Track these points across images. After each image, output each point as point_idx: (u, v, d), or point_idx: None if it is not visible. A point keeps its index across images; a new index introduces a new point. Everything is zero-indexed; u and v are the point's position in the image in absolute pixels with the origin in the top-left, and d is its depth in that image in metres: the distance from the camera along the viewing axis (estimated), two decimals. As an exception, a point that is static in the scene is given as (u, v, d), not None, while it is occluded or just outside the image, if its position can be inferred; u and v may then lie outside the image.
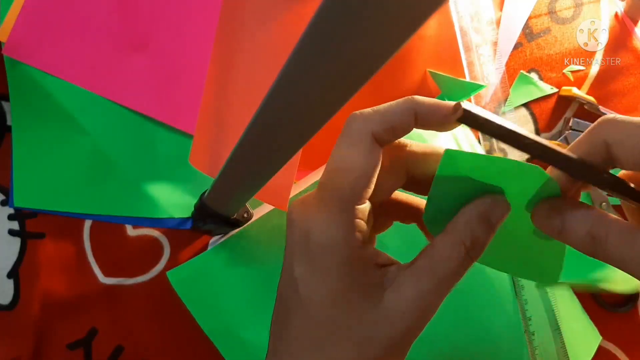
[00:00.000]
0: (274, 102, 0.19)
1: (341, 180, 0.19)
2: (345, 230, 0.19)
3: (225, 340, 0.36)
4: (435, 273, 0.19)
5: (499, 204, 0.20)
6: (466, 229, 0.20)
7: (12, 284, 0.39)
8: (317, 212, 0.19)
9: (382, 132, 0.19)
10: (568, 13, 0.44)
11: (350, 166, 0.19)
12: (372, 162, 0.19)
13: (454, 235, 0.20)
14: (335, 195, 0.19)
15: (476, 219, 0.20)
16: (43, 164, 0.38)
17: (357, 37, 0.15)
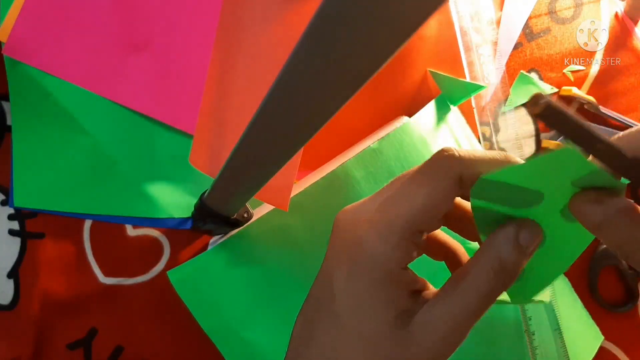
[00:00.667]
0: (273, 102, 0.19)
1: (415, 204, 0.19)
2: (400, 252, 0.19)
3: (225, 340, 0.36)
4: (464, 300, 0.19)
5: (527, 226, 0.20)
6: (493, 253, 0.19)
7: (12, 284, 0.39)
8: (377, 218, 0.19)
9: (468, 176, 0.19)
10: (568, 13, 0.44)
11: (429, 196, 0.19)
12: (450, 200, 0.19)
13: (482, 260, 0.20)
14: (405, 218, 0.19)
15: (504, 242, 0.20)
16: (43, 163, 0.38)
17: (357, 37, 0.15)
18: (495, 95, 0.42)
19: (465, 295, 0.19)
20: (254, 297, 0.36)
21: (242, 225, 0.37)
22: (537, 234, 0.20)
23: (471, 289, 0.19)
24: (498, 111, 0.42)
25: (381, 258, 0.19)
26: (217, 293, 0.36)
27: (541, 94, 0.17)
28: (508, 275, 0.19)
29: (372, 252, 0.19)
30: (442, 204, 0.19)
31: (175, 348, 0.39)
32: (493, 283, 0.19)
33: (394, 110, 0.42)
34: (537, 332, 0.40)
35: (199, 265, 0.36)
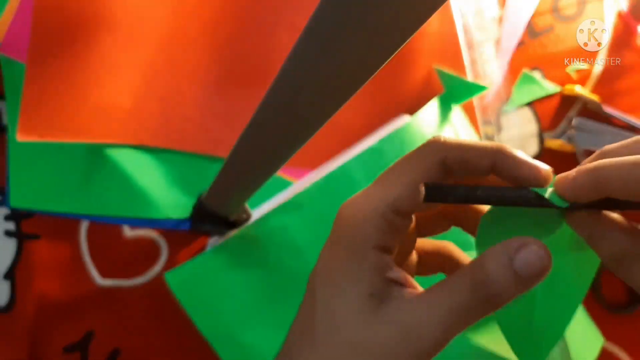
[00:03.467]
0: (273, 102, 0.19)
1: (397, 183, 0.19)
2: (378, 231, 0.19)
3: (223, 343, 0.36)
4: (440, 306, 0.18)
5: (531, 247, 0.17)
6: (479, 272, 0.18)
7: (8, 285, 0.38)
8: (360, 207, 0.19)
9: (452, 160, 0.19)
10: (571, 10, 0.44)
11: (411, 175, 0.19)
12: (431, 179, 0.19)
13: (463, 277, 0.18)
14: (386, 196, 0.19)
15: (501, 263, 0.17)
16: (39, 164, 0.38)
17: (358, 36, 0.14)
18: (497, 93, 0.42)
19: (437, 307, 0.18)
20: (253, 299, 0.36)
21: (241, 226, 0.36)
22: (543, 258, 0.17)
23: (444, 303, 0.18)
24: (500, 110, 0.42)
25: (359, 234, 0.19)
26: (215, 295, 0.36)
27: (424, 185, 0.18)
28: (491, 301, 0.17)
29: (353, 228, 0.19)
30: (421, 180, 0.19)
31: (172, 351, 0.39)
32: (469, 303, 0.17)
33: (395, 109, 0.42)
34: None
35: (197, 266, 0.36)
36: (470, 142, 0.19)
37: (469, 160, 0.18)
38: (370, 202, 0.19)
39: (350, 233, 0.19)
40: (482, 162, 0.18)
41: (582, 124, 0.42)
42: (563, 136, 0.42)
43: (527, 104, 0.43)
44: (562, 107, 0.43)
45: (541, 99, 0.43)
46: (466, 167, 0.19)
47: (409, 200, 0.19)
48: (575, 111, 0.43)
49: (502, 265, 0.17)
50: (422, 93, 0.42)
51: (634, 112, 0.43)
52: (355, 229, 0.19)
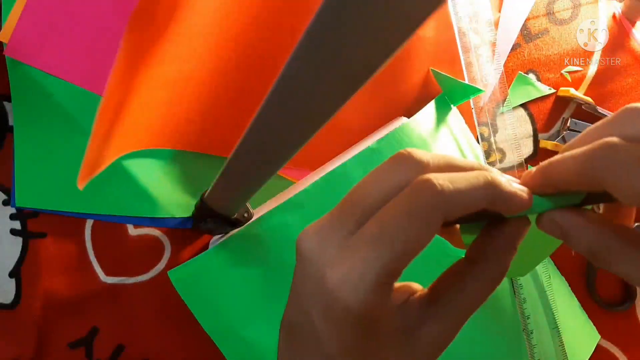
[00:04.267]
0: (273, 103, 0.19)
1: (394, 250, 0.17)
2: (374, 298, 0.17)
3: (226, 339, 0.36)
4: (462, 308, 0.19)
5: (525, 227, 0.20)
6: (495, 264, 0.20)
7: (14, 283, 0.39)
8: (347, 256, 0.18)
9: (452, 214, 0.18)
10: (566, 14, 0.44)
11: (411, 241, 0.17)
12: (430, 239, 0.18)
13: (483, 270, 0.20)
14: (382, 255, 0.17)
15: (503, 249, 0.20)
16: (45, 164, 0.39)
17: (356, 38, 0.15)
18: (493, 95, 0.43)
19: (461, 307, 0.19)
20: (255, 296, 0.37)
21: (243, 225, 0.37)
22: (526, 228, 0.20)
23: (468, 300, 0.19)
24: (496, 111, 0.43)
25: (355, 306, 0.17)
26: (217, 292, 0.36)
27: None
28: (503, 277, 0.20)
29: (345, 300, 0.17)
30: (422, 248, 0.18)
31: (176, 347, 0.40)
32: (491, 291, 0.20)
33: (393, 111, 0.42)
34: (535, 330, 0.40)
35: (200, 264, 0.36)
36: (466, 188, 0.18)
37: (466, 209, 0.18)
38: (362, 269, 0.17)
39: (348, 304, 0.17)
40: (478, 207, 0.18)
41: (577, 125, 0.42)
42: (558, 137, 0.43)
43: (522, 105, 0.43)
44: (557, 109, 0.44)
45: (536, 101, 0.44)
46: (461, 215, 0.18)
47: (406, 260, 0.17)
48: (570, 112, 0.43)
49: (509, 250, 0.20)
50: (420, 95, 0.42)
51: (628, 113, 0.44)
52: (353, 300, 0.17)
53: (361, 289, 0.17)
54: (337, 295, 0.17)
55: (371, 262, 0.17)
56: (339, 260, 0.18)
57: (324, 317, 0.18)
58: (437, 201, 0.17)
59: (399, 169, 0.19)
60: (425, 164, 0.19)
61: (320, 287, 0.18)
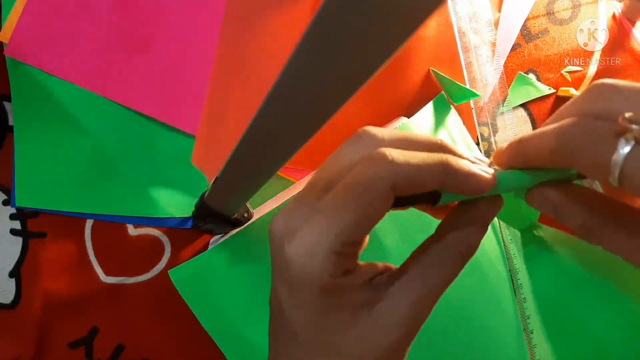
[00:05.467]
0: (274, 102, 0.19)
1: (347, 215, 0.17)
2: (332, 265, 0.18)
3: (227, 339, 0.36)
4: (428, 281, 0.19)
5: (496, 205, 0.20)
6: (462, 236, 0.19)
7: (14, 283, 0.39)
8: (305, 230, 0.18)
9: (403, 187, 0.18)
10: (566, 14, 0.44)
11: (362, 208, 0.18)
12: (383, 211, 0.18)
13: (449, 242, 0.19)
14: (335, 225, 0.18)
15: (472, 223, 0.19)
16: (45, 164, 0.39)
17: (357, 38, 0.15)
18: (493, 95, 0.43)
19: (429, 280, 0.19)
20: (255, 295, 0.37)
21: (243, 225, 0.37)
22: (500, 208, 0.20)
23: (436, 273, 0.19)
24: (496, 111, 0.43)
25: (311, 277, 0.18)
26: (218, 292, 0.37)
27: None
28: (473, 252, 0.19)
29: (303, 271, 0.18)
30: (374, 219, 0.18)
31: (176, 347, 0.40)
32: (458, 265, 0.19)
33: (393, 111, 0.42)
34: (535, 330, 0.40)
35: (200, 264, 0.37)
36: (418, 163, 0.18)
37: (417, 185, 0.18)
38: (318, 238, 0.18)
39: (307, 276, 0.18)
40: (430, 184, 0.18)
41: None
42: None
43: (522, 105, 0.43)
44: (557, 109, 0.43)
45: (536, 101, 0.44)
46: (415, 190, 0.18)
47: (359, 230, 0.18)
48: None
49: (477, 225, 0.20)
50: (420, 95, 0.42)
51: (628, 113, 0.44)
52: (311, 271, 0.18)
53: (317, 257, 0.17)
54: (295, 265, 0.18)
55: (325, 231, 0.17)
56: (298, 232, 0.18)
57: (288, 291, 0.19)
58: (386, 173, 0.17)
59: (356, 145, 0.19)
60: (381, 139, 0.19)
61: (283, 261, 0.18)
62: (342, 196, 0.18)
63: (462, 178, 0.18)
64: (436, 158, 0.18)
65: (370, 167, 0.18)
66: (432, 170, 0.18)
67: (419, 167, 0.18)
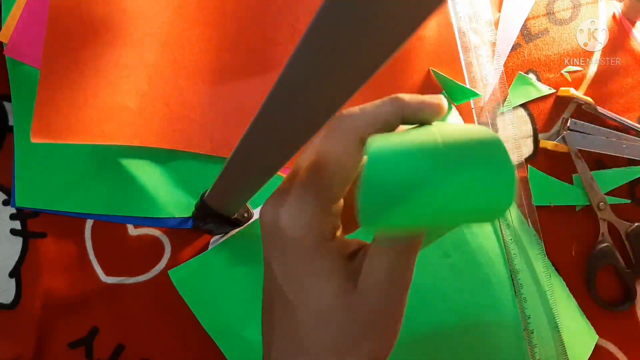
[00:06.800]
0: (274, 102, 0.19)
1: (322, 175, 0.19)
2: (316, 227, 0.19)
3: (226, 339, 0.36)
4: (394, 242, 0.19)
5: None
6: None
7: (14, 283, 0.39)
8: (289, 201, 0.19)
9: (367, 133, 0.19)
10: (566, 14, 0.44)
11: (334, 163, 0.19)
12: (356, 162, 0.19)
13: None
14: (314, 189, 0.19)
15: None
16: (45, 164, 0.39)
17: (357, 38, 0.15)
18: (493, 95, 0.43)
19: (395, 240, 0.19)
20: (255, 296, 0.37)
21: (243, 225, 0.37)
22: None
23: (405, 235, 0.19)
24: (496, 111, 0.43)
25: (299, 239, 0.19)
26: (217, 292, 0.37)
27: None
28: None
29: (290, 236, 0.19)
30: (348, 172, 0.19)
31: (176, 346, 0.40)
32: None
33: (393, 111, 0.42)
34: (535, 330, 0.40)
35: (200, 264, 0.37)
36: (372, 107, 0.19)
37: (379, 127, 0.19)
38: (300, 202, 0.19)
39: (296, 239, 0.19)
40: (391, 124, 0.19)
41: (577, 125, 0.42)
42: (558, 137, 0.43)
43: (522, 105, 0.43)
44: (556, 109, 0.44)
45: (536, 101, 0.44)
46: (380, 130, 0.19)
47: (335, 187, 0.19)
48: (570, 112, 0.43)
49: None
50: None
51: (628, 113, 0.44)
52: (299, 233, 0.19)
53: (302, 218, 0.19)
54: (285, 233, 0.19)
55: (306, 193, 0.19)
56: (285, 204, 0.19)
57: (280, 265, 0.20)
58: (347, 123, 0.19)
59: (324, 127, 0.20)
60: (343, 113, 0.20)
61: (275, 237, 0.20)
62: (314, 161, 0.19)
63: (417, 104, 0.20)
64: (387, 98, 0.20)
65: (331, 127, 0.19)
66: (388, 108, 0.19)
67: (374, 109, 0.19)
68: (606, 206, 0.42)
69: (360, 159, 0.19)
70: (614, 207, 0.42)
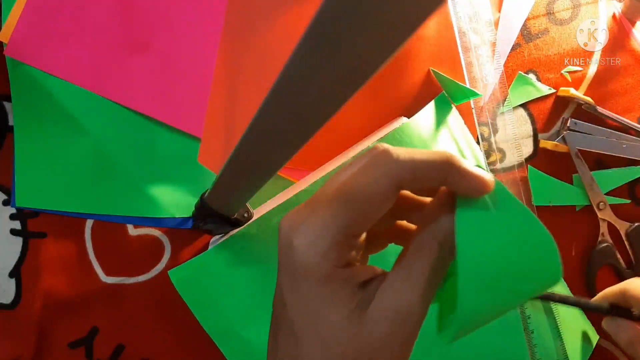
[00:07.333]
0: (274, 102, 0.19)
1: (350, 207, 0.18)
2: (333, 256, 0.18)
3: (226, 339, 0.36)
4: (410, 274, 0.19)
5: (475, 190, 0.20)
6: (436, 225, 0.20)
7: (14, 283, 0.39)
8: (310, 223, 0.19)
9: (407, 182, 0.19)
10: (566, 14, 0.44)
11: (366, 200, 0.18)
12: (387, 205, 0.19)
13: (425, 233, 0.20)
14: (338, 219, 0.18)
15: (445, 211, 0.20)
16: (45, 163, 0.39)
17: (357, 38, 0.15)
18: (493, 95, 0.43)
19: (411, 272, 0.19)
20: (254, 296, 0.37)
21: (243, 225, 0.37)
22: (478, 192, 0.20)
23: (417, 265, 0.19)
24: (496, 111, 0.43)
25: (313, 265, 0.18)
26: (217, 292, 0.37)
27: None
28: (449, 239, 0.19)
29: (304, 260, 0.18)
30: (378, 211, 0.19)
31: (176, 346, 0.40)
32: (438, 254, 0.19)
33: (393, 111, 0.42)
34: (535, 330, 0.40)
35: (200, 264, 0.37)
36: (422, 158, 0.18)
37: (421, 180, 0.19)
38: (321, 228, 0.18)
39: (309, 265, 0.18)
40: (433, 180, 0.19)
41: (577, 125, 0.42)
42: (558, 137, 0.43)
43: (522, 105, 0.43)
44: (556, 109, 0.44)
45: (536, 101, 0.44)
46: (418, 186, 0.19)
47: (361, 223, 0.19)
48: (570, 112, 0.44)
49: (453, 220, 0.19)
50: (420, 95, 0.42)
51: (628, 113, 0.44)
52: (313, 260, 0.18)
53: (319, 245, 0.18)
54: (298, 254, 0.18)
55: (328, 221, 0.18)
56: (304, 224, 0.19)
57: (290, 284, 0.19)
58: (390, 168, 0.18)
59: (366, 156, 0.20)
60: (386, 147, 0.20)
61: (288, 253, 0.19)
62: (347, 191, 0.18)
63: (465, 173, 0.19)
64: (440, 154, 0.19)
65: (374, 157, 0.19)
66: (435, 165, 0.18)
67: (422, 162, 0.18)
68: (606, 206, 0.42)
69: (392, 202, 0.19)
70: (614, 207, 0.42)
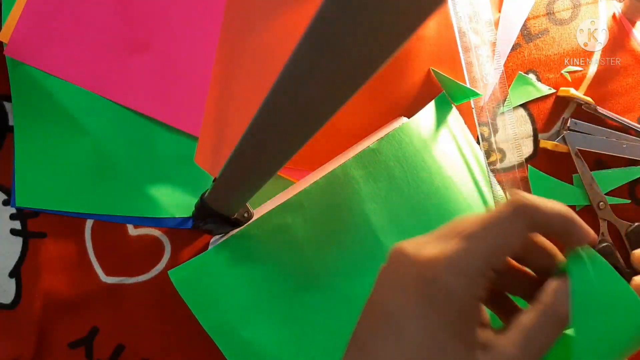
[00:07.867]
0: (274, 102, 0.19)
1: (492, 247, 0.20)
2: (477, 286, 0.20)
3: (226, 339, 0.36)
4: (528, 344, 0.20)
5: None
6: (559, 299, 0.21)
7: (14, 283, 0.39)
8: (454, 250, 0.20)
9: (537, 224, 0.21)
10: (566, 14, 0.44)
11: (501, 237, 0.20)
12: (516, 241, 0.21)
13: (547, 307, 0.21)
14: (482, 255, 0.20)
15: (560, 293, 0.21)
16: (45, 163, 0.39)
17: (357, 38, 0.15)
18: (493, 95, 0.43)
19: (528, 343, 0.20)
20: (254, 296, 0.37)
21: (243, 225, 0.37)
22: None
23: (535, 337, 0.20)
24: (497, 111, 0.43)
25: (459, 292, 0.20)
26: (217, 292, 0.37)
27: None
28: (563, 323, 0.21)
29: (450, 287, 0.20)
30: (515, 245, 0.21)
31: (176, 346, 0.40)
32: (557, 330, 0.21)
33: (394, 111, 0.42)
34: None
35: (200, 264, 0.37)
36: (553, 207, 0.21)
37: (548, 225, 0.21)
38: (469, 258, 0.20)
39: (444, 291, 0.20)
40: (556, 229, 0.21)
41: (577, 125, 0.42)
42: (558, 137, 0.43)
43: (522, 105, 0.43)
44: (557, 109, 0.44)
45: (536, 101, 0.44)
46: (542, 230, 0.21)
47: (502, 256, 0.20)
48: (570, 112, 0.43)
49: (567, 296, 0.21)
50: (420, 95, 0.42)
51: (628, 113, 0.44)
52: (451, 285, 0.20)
53: (467, 275, 0.20)
54: (440, 282, 0.20)
55: (476, 253, 0.20)
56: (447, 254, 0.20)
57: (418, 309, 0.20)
58: (523, 208, 0.21)
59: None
60: None
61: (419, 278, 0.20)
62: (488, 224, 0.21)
63: (582, 227, 0.21)
64: (565, 207, 0.21)
65: (511, 201, 0.21)
66: (559, 215, 0.21)
67: (549, 210, 0.21)
68: (606, 206, 0.42)
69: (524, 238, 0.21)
70: (614, 207, 0.42)
